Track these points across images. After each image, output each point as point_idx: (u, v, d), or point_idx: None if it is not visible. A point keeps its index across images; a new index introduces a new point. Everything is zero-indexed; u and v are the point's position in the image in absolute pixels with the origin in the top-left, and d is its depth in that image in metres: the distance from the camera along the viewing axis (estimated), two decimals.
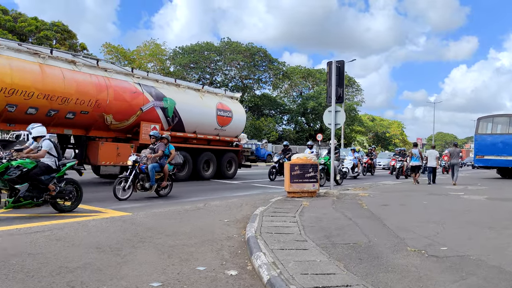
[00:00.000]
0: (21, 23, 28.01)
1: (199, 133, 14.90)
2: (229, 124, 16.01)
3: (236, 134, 16.72)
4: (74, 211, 7.13)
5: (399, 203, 8.83)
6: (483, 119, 20.19)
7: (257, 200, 8.97)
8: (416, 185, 14.44)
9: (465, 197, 10.06)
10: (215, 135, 15.58)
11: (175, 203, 8.72)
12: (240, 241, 5.22)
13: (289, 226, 5.89)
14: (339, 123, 10.29)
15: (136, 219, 6.37)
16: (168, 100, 13.51)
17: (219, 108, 15.57)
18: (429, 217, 6.97)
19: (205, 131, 15.15)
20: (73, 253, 4.37)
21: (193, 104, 14.57)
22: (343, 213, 7.13)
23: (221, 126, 15.63)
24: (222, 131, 15.79)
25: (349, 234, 5.41)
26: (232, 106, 16.42)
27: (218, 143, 15.88)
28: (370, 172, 22.62)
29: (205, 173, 14.99)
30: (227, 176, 16.02)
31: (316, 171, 9.39)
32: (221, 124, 15.60)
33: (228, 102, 16.37)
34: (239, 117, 16.64)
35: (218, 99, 15.93)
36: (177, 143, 13.28)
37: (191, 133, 14.65)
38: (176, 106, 13.73)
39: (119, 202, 8.51)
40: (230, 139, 16.38)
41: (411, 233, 5.52)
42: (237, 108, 16.82)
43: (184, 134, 14.37)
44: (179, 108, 13.86)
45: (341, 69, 10.04)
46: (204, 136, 15.08)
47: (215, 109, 15.36)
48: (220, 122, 15.58)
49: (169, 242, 4.99)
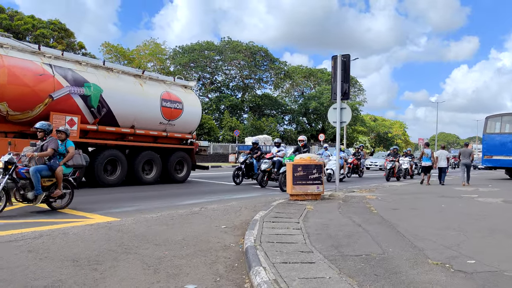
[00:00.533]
0: (17, 21, 27.52)
1: (139, 128, 12.38)
2: (179, 117, 13.50)
3: (190, 129, 14.28)
4: (58, 216, 6.57)
5: (410, 206, 8.22)
6: (492, 118, 19.53)
7: (257, 203, 8.38)
8: (425, 186, 13.84)
9: (480, 200, 9.44)
10: (162, 130, 13.13)
11: (168, 207, 8.14)
12: (238, 252, 4.63)
13: (293, 233, 5.30)
14: (345, 121, 9.68)
15: (124, 225, 5.78)
16: (92, 87, 10.92)
17: (166, 99, 13.06)
18: (446, 222, 6.36)
19: (147, 126, 12.63)
20: (44, 267, 3.79)
21: (129, 93, 12.00)
22: (351, 218, 6.53)
23: (169, 120, 13.17)
24: (171, 126, 13.35)
25: (360, 244, 4.82)
26: (184, 97, 13.88)
27: (166, 140, 13.48)
28: (357, 174, 19.47)
29: (145, 176, 12.51)
30: (176, 179, 13.54)
31: (321, 172, 8.80)
32: (168, 118, 13.12)
33: (178, 91, 13.83)
34: (192, 109, 14.13)
35: (166, 87, 13.41)
36: (110, 140, 11.69)
37: (127, 127, 12.10)
38: (103, 94, 11.19)
39: (108, 206, 7.94)
40: (181, 135, 13.89)
41: (429, 242, 4.92)
42: (190, 99, 14.23)
43: (117, 129, 11.79)
44: (108, 96, 11.32)
45: (346, 63, 9.43)
46: (146, 131, 12.55)
47: (160, 100, 12.84)
48: (167, 115, 13.08)
49: (157, 253, 4.41)
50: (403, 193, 11.26)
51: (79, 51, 31.25)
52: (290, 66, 52.29)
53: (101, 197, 9.40)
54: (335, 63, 9.50)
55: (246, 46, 45.35)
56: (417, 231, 5.56)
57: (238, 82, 48.40)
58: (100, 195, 9.63)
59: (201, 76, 46.58)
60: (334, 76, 9.59)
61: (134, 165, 12.06)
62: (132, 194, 10.16)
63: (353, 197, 9.62)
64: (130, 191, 10.77)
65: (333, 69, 9.67)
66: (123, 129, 11.99)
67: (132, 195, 9.94)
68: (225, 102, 43.63)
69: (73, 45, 31.78)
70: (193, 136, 14.43)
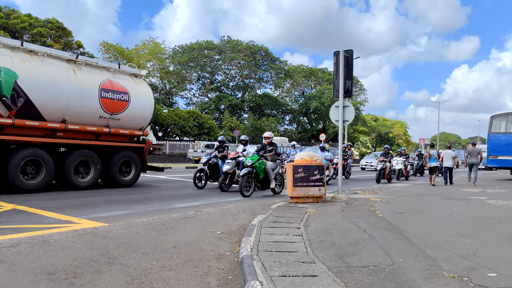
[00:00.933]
0: (14, 20, 27.14)
1: (73, 122, 10.39)
2: (125, 110, 11.45)
3: (140, 125, 12.24)
4: (43, 221, 6.16)
5: (417, 209, 7.80)
6: (497, 117, 19.09)
7: (256, 206, 7.97)
8: (430, 187, 13.43)
9: (490, 203, 9.00)
10: (103, 126, 11.11)
11: (162, 210, 7.74)
12: (233, 262, 4.23)
13: (293, 241, 4.88)
14: (347, 119, 9.25)
15: (112, 231, 5.37)
16: (2, 71, 8.95)
17: (107, 88, 11.00)
18: (458, 228, 5.93)
19: (84, 120, 10.65)
20: (15, 282, 3.38)
21: (57, 80, 9.98)
22: (355, 223, 6.11)
23: (111, 114, 11.20)
24: (114, 120, 11.34)
25: (367, 253, 4.40)
26: (131, 87, 11.82)
27: (110, 137, 11.48)
28: (343, 175, 17.28)
29: (79, 180, 10.55)
30: (121, 183, 11.49)
31: (323, 173, 8.38)
32: (110, 111, 11.13)
33: (124, 80, 11.79)
34: (142, 101, 12.07)
35: (108, 75, 11.37)
36: (35, 136, 9.78)
37: (57, 122, 10.12)
38: (20, 80, 9.20)
39: (97, 209, 7.54)
40: (129, 132, 11.83)
41: (443, 251, 4.50)
42: (140, 90, 12.17)
43: (41, 124, 9.79)
44: (26, 84, 9.33)
45: (349, 59, 9.01)
46: (82, 127, 10.60)
47: (98, 89, 10.80)
48: (109, 107, 11.06)
49: (144, 264, 4.00)
50: (408, 195, 10.84)
51: (77, 50, 30.88)
52: (290, 66, 51.89)
53: (94, 199, 9.01)
54: (337, 59, 9.07)
55: (246, 45, 44.98)
56: (427, 238, 5.14)
57: (238, 82, 48.03)
58: (94, 197, 9.25)
59: (200, 75, 46.21)
60: (336, 73, 9.17)
61: (64, 167, 10.13)
62: (128, 196, 9.77)
63: (356, 199, 9.20)
64: (121, 193, 10.38)
65: (335, 65, 9.25)
66: (50, 124, 9.94)
67: (128, 197, 9.55)
68: (225, 101, 43.25)
69: (70, 44, 31.42)
70: (144, 133, 12.37)
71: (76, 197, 9.11)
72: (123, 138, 11.90)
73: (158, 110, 35.07)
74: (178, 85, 45.51)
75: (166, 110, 37.45)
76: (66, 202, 8.41)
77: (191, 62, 43.63)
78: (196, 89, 48.24)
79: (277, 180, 10.95)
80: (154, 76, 43.58)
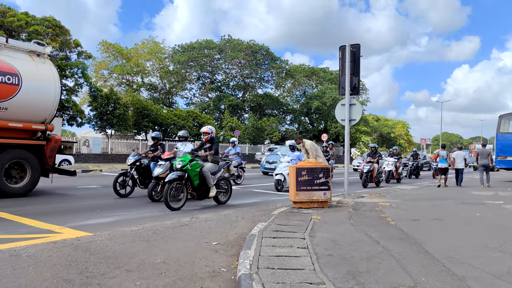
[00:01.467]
0: (10, 18, 26.61)
1: None
2: (14, 97, 8.87)
3: (41, 116, 9.62)
4: (20, 231, 5.61)
5: (432, 216, 7.20)
6: (506, 116, 18.47)
7: (256, 212, 7.41)
8: (440, 190, 12.85)
9: (509, 208, 8.39)
10: None
11: (154, 217, 7.18)
12: (229, 280, 3.67)
13: (298, 254, 4.32)
14: (354, 118, 8.66)
15: (95, 242, 4.81)
16: None
17: None
18: (482, 239, 5.35)
19: None
20: None
21: None
22: (366, 233, 5.54)
23: None
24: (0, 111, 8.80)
25: (383, 270, 3.83)
26: (25, 67, 9.24)
27: None
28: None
29: None
30: (10, 191, 8.85)
31: (328, 176, 7.81)
32: None
33: (14, 59, 9.12)
34: (41, 86, 9.49)
35: None
36: None
37: None
38: None
39: (84, 216, 6.97)
40: (23, 125, 9.22)
41: (470, 268, 3.93)
42: (38, 72, 9.58)
43: None
44: None
45: (356, 54, 8.42)
46: None
47: None
48: None
49: (127, 284, 3.45)
50: (417, 198, 10.24)
51: (75, 49, 30.36)
52: (291, 65, 51.27)
53: (85, 204, 8.46)
54: (343, 54, 8.49)
55: (247, 44, 44.37)
56: (450, 251, 4.56)
57: (238, 81, 47.43)
58: (83, 202, 8.70)
59: (200, 75, 45.66)
60: (342, 69, 8.58)
61: None
62: (125, 200, 9.21)
63: (363, 204, 8.62)
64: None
65: (340, 60, 8.66)
66: None
67: (123, 201, 9.00)
68: (225, 101, 42.67)
69: (68, 43, 30.86)
70: (48, 127, 9.78)
71: (68, 201, 8.57)
72: (15, 134, 9.21)
73: (158, 110, 34.55)
74: (178, 85, 44.92)
75: (166, 110, 36.89)
76: (53, 206, 7.86)
77: (191, 62, 43.03)
78: (196, 89, 47.67)
79: (221, 186, 8.66)
80: (154, 75, 43.05)
